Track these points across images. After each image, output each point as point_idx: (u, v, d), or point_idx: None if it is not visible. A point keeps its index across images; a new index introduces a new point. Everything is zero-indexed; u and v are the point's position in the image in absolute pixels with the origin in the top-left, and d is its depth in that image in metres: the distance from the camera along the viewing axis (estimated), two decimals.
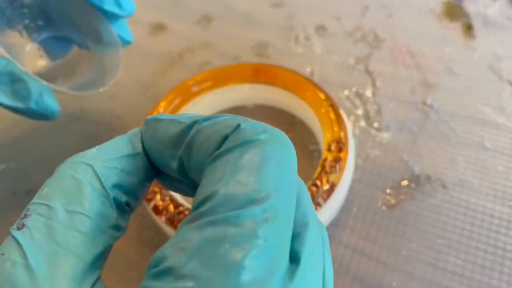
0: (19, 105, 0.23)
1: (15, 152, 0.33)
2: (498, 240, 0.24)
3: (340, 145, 0.25)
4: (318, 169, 0.25)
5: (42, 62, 0.27)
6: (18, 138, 0.34)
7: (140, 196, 0.16)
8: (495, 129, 0.29)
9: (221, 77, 0.30)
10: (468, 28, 0.35)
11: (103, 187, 0.14)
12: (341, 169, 0.24)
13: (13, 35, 0.25)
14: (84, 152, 0.15)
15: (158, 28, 0.40)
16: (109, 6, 0.24)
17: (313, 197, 0.23)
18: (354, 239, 0.25)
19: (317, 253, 0.13)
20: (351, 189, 0.27)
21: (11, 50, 0.23)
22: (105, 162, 0.15)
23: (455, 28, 0.35)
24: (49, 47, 0.27)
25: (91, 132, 0.33)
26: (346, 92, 0.32)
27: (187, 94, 0.30)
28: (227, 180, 0.11)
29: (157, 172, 0.16)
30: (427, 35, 0.35)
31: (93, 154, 0.15)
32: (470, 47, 0.33)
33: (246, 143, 0.12)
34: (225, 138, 0.13)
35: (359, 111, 0.31)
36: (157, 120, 0.16)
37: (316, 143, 0.30)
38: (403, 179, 0.27)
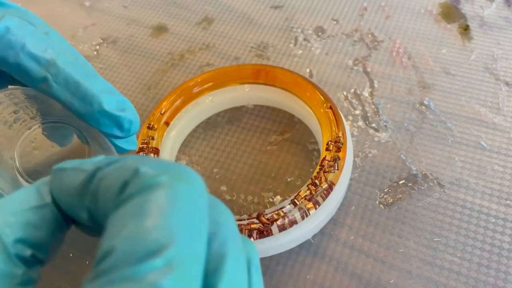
0: None
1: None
2: (495, 238, 0.25)
3: (339, 145, 0.25)
4: (317, 168, 0.25)
5: (35, 156, 0.24)
6: None
7: (52, 248, 0.15)
8: (492, 129, 0.29)
9: (222, 78, 0.31)
10: (465, 29, 0.35)
11: (4, 244, 0.13)
12: (340, 169, 0.25)
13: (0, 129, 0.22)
14: None
15: (159, 29, 0.40)
16: (108, 129, 0.21)
17: (312, 196, 0.24)
18: (352, 237, 0.26)
19: (239, 281, 0.13)
20: (350, 188, 0.28)
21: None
22: (7, 216, 0.14)
23: (452, 29, 0.35)
24: (50, 133, 0.24)
25: None
26: (344, 92, 0.33)
27: (188, 95, 0.30)
28: (126, 232, 0.11)
29: (73, 221, 0.15)
30: (425, 36, 0.35)
31: None
32: (467, 48, 0.34)
33: (145, 189, 0.12)
34: (125, 184, 0.12)
35: (357, 111, 0.31)
36: (62, 169, 0.15)
37: (315, 142, 0.30)
38: (400, 178, 0.28)
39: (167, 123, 0.29)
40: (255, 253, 0.14)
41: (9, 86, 0.21)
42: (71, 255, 0.28)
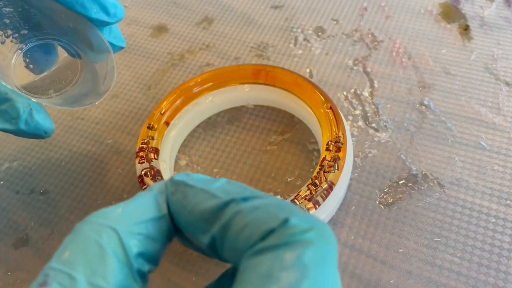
0: (8, 127, 0.22)
1: (18, 151, 0.33)
2: (495, 238, 0.25)
3: (339, 145, 0.25)
4: (317, 168, 0.25)
5: (29, 75, 0.25)
6: (21, 138, 0.34)
7: (160, 260, 0.15)
8: (492, 129, 0.29)
9: (222, 78, 0.31)
10: (465, 29, 0.35)
11: (128, 258, 0.13)
12: (340, 169, 0.25)
13: None
14: (109, 212, 0.14)
15: (159, 29, 0.40)
16: (95, 14, 0.22)
17: (312, 196, 0.24)
18: (352, 237, 0.26)
19: None
20: (350, 188, 0.28)
21: None
22: (130, 227, 0.13)
23: (452, 29, 0.35)
24: (35, 57, 0.24)
25: (94, 131, 0.34)
26: (344, 92, 0.33)
27: (188, 95, 0.30)
28: (273, 282, 0.11)
29: (177, 230, 0.15)
30: (425, 36, 0.35)
31: (118, 216, 0.14)
32: (467, 48, 0.34)
33: (293, 242, 0.12)
34: (271, 231, 0.12)
35: (357, 111, 0.31)
36: (187, 185, 0.15)
37: (315, 142, 0.30)
38: (400, 178, 0.28)
39: (167, 123, 0.29)
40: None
41: None
42: None
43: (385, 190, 0.27)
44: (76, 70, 0.25)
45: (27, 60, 0.24)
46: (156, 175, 0.26)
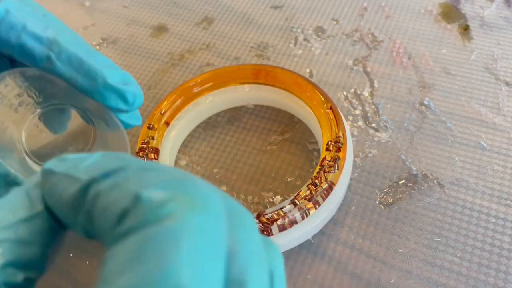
0: None
1: None
2: (495, 239, 0.25)
3: (339, 145, 0.25)
4: (317, 168, 0.25)
5: (40, 140, 0.23)
6: None
7: (49, 260, 0.13)
8: (492, 129, 0.29)
9: (222, 78, 0.31)
10: (465, 29, 0.35)
11: None
12: (340, 169, 0.25)
13: (7, 113, 0.22)
14: None
15: (159, 29, 0.40)
16: (113, 103, 0.21)
17: (312, 196, 0.24)
18: (352, 237, 0.26)
19: None
20: (350, 188, 0.28)
21: (4, 148, 0.21)
22: None
23: (452, 29, 0.35)
24: (49, 119, 0.24)
25: None
26: (344, 92, 0.33)
27: (188, 95, 0.30)
28: (124, 282, 0.09)
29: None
30: (425, 36, 0.35)
31: None
32: (467, 48, 0.34)
33: (148, 223, 0.10)
34: (125, 213, 0.10)
35: (357, 111, 0.31)
36: (52, 173, 0.13)
37: (315, 142, 0.30)
38: (400, 178, 0.28)
39: (167, 123, 0.29)
40: (279, 260, 0.13)
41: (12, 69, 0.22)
42: (71, 255, 0.28)
43: (385, 190, 0.27)
44: (88, 138, 0.24)
45: (41, 123, 0.23)
46: None
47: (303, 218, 0.23)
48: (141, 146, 0.27)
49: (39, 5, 0.22)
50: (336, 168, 0.25)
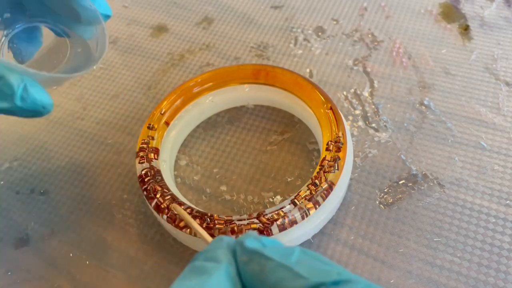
0: (4, 105, 0.20)
1: (19, 152, 0.33)
2: (495, 238, 0.25)
3: (339, 145, 0.25)
4: (317, 168, 0.25)
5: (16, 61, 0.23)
6: (21, 138, 0.34)
7: None
8: (492, 129, 0.29)
9: (222, 78, 0.31)
10: (465, 29, 0.35)
11: None
12: (340, 169, 0.25)
13: None
14: None
15: (159, 29, 0.40)
16: None
17: (312, 196, 0.24)
18: (352, 237, 0.26)
19: None
20: (350, 188, 0.28)
21: None
22: None
23: (452, 29, 0.35)
24: (19, 45, 0.23)
25: (94, 131, 0.34)
26: (344, 92, 0.33)
27: (188, 95, 0.30)
28: None
29: None
30: (425, 36, 0.35)
31: None
32: (467, 48, 0.34)
33: None
34: None
35: (357, 111, 0.31)
36: (263, 257, 0.13)
37: (315, 142, 0.30)
38: (400, 178, 0.28)
39: (167, 123, 0.29)
40: None
41: None
42: (71, 255, 0.28)
43: (385, 190, 0.27)
44: (66, 49, 0.24)
45: (14, 48, 0.23)
46: (156, 175, 0.26)
47: (303, 218, 0.23)
48: (141, 146, 0.27)
49: None
50: (336, 168, 0.25)
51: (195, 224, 0.22)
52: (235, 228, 0.23)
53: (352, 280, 0.12)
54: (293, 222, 0.23)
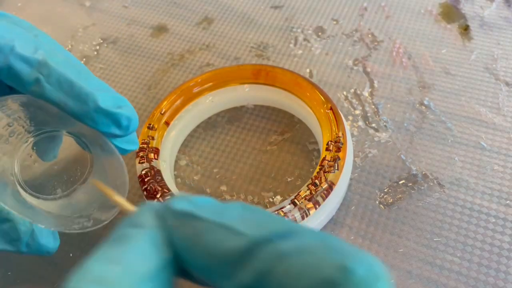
0: (8, 248, 0.20)
1: None
2: (495, 238, 0.25)
3: (339, 145, 0.25)
4: (317, 168, 0.25)
5: (33, 170, 0.22)
6: None
7: None
8: (492, 129, 0.29)
9: (222, 78, 0.31)
10: (465, 29, 0.35)
11: None
12: (340, 168, 0.25)
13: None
14: (104, 273, 0.11)
15: (159, 29, 0.40)
16: (106, 128, 0.20)
17: (312, 196, 0.24)
18: (352, 237, 0.26)
19: None
20: (350, 188, 0.28)
21: None
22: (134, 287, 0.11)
23: (452, 29, 0.35)
24: (41, 147, 0.22)
25: None
26: (344, 92, 0.33)
27: (188, 95, 0.30)
28: None
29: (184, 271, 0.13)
30: (425, 36, 0.35)
31: (118, 278, 0.11)
32: (467, 48, 0.34)
33: None
34: (332, 284, 0.10)
35: (357, 111, 0.31)
36: (195, 218, 0.12)
37: (315, 142, 0.30)
38: (400, 178, 0.28)
39: (167, 123, 0.29)
40: None
41: None
42: (71, 255, 0.28)
43: (385, 190, 0.27)
44: (85, 165, 0.23)
45: (34, 153, 0.22)
46: (156, 175, 0.26)
47: (303, 218, 0.23)
48: (141, 146, 0.27)
49: (32, 25, 0.21)
50: (336, 168, 0.25)
51: (114, 195, 0.19)
52: None
53: (299, 231, 0.11)
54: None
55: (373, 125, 0.30)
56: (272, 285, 0.10)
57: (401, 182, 0.28)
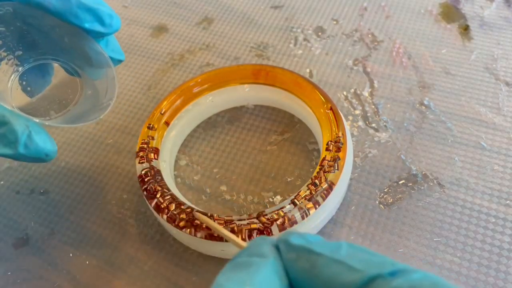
0: (6, 151, 0.20)
1: None
2: (494, 238, 0.25)
3: (339, 145, 0.25)
4: (317, 168, 0.25)
5: (26, 97, 0.23)
6: None
7: None
8: (492, 129, 0.29)
9: (222, 78, 0.31)
10: (465, 29, 0.35)
11: None
12: (340, 168, 0.25)
13: None
14: None
15: (159, 29, 0.40)
16: (90, 25, 0.21)
17: (312, 196, 0.24)
18: (352, 237, 0.26)
19: None
20: (350, 188, 0.28)
21: None
22: None
23: (452, 29, 0.35)
24: (30, 79, 0.23)
25: (94, 131, 0.34)
26: (344, 92, 0.33)
27: (188, 95, 0.30)
28: None
29: None
30: (425, 36, 0.35)
31: None
32: (467, 48, 0.34)
33: None
34: None
35: (357, 111, 0.31)
36: (312, 252, 0.13)
37: (315, 142, 0.30)
38: (400, 178, 0.28)
39: (167, 123, 0.29)
40: None
41: None
42: (71, 255, 0.28)
43: (385, 190, 0.27)
44: (76, 89, 0.24)
45: (24, 83, 0.23)
46: (156, 175, 0.26)
47: (303, 218, 0.23)
48: (141, 146, 0.27)
49: None
50: (336, 168, 0.25)
51: (223, 230, 0.21)
52: (235, 228, 0.23)
53: (408, 270, 0.12)
54: (293, 222, 0.23)
55: (373, 125, 0.30)
56: None
57: (401, 182, 0.28)
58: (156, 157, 0.27)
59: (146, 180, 0.26)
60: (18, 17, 0.21)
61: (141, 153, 0.27)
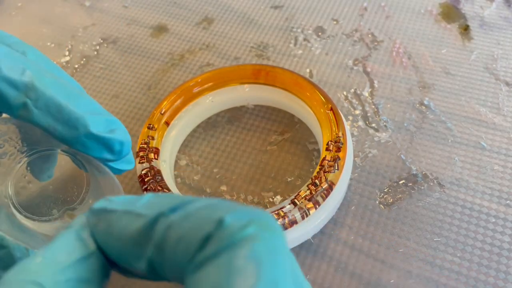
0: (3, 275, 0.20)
1: None
2: (495, 238, 0.25)
3: (339, 145, 0.25)
4: (317, 168, 0.25)
5: (27, 191, 0.21)
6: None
7: None
8: (492, 129, 0.29)
9: (222, 78, 0.31)
10: (465, 29, 0.35)
11: None
12: (340, 168, 0.25)
13: None
14: (27, 264, 0.12)
15: (159, 29, 0.40)
16: (97, 153, 0.19)
17: (312, 196, 0.24)
18: (352, 237, 0.26)
19: None
20: (350, 188, 0.28)
21: None
22: (56, 275, 0.12)
23: (452, 29, 0.35)
24: (35, 167, 0.21)
25: None
26: (344, 92, 0.33)
27: (188, 95, 0.30)
28: None
29: (112, 263, 0.14)
30: (425, 36, 0.35)
31: (39, 267, 0.12)
32: (467, 48, 0.34)
33: (234, 243, 0.10)
34: (208, 238, 0.11)
35: (357, 111, 0.31)
36: (107, 212, 0.13)
37: (315, 142, 0.30)
38: (400, 178, 0.28)
39: (167, 123, 0.29)
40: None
41: None
42: None
43: (385, 190, 0.27)
44: (81, 184, 0.22)
45: (29, 173, 0.21)
46: (156, 175, 0.26)
47: (303, 218, 0.23)
48: (141, 146, 0.27)
49: (19, 40, 0.20)
50: (336, 168, 0.25)
51: None
52: None
53: (189, 201, 0.12)
54: (293, 222, 0.23)
55: (373, 125, 0.30)
56: (167, 252, 0.11)
57: (401, 182, 0.28)
58: (156, 157, 0.27)
59: (146, 180, 0.26)
60: (24, 125, 0.20)
61: (141, 153, 0.27)
